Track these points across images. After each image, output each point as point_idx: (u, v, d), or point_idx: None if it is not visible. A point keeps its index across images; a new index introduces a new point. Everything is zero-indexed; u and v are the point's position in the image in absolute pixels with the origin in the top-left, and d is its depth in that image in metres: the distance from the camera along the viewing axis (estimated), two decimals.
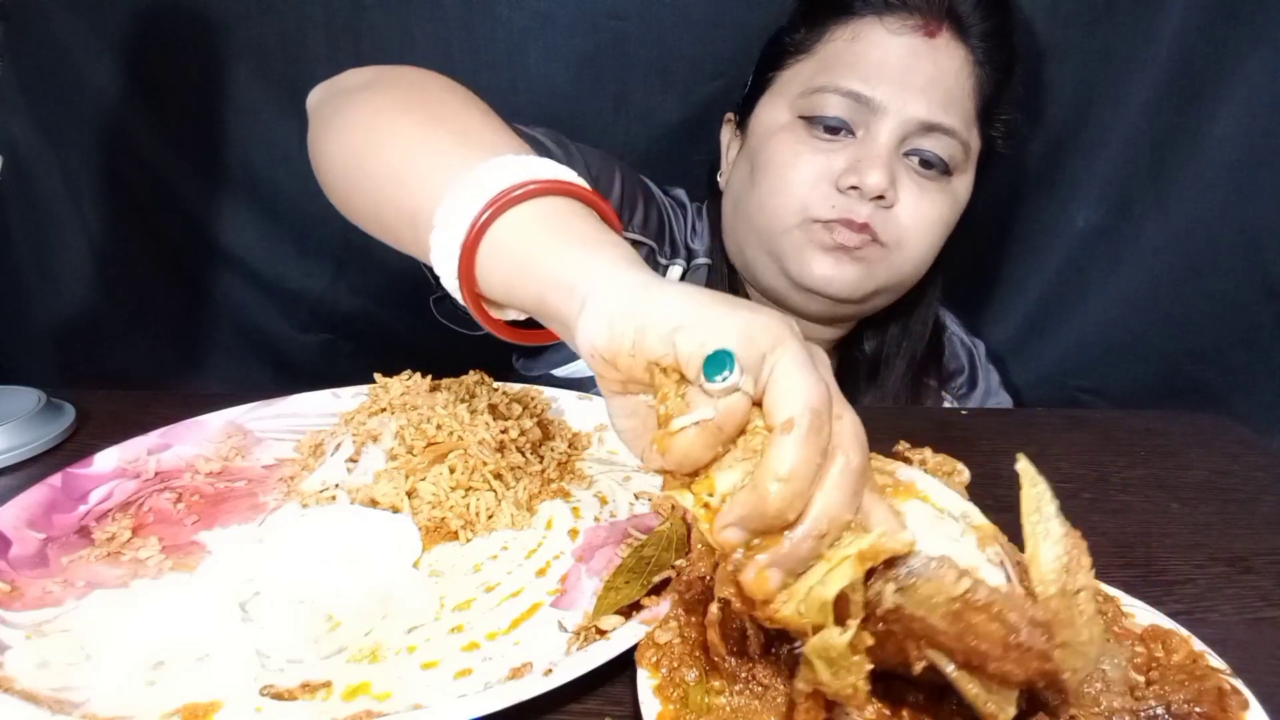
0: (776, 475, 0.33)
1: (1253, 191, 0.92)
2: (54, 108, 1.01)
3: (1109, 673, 0.38)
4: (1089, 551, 0.38)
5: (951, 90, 0.81)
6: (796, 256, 0.83)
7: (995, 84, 0.84)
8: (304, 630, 0.46)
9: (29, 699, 0.41)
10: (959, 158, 0.82)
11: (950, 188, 0.84)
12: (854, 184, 0.79)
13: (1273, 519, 0.61)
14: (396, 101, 0.60)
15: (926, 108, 0.79)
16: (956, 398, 0.99)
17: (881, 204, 0.80)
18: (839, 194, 0.80)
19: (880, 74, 0.80)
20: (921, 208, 0.82)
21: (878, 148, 0.79)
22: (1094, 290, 1.02)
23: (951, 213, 0.84)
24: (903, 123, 0.80)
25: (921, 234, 0.82)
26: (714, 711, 0.39)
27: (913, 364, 0.95)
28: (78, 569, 0.52)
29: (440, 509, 0.57)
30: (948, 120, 0.80)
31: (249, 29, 0.99)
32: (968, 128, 0.82)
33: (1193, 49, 0.91)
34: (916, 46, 0.80)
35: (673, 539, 0.53)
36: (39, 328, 1.09)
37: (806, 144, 0.82)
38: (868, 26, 0.81)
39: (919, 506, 0.39)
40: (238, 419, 0.70)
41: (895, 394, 0.94)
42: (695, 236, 0.96)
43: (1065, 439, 0.74)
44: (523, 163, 0.46)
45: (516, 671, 0.43)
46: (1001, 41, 0.84)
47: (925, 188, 0.82)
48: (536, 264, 0.43)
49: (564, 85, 1.00)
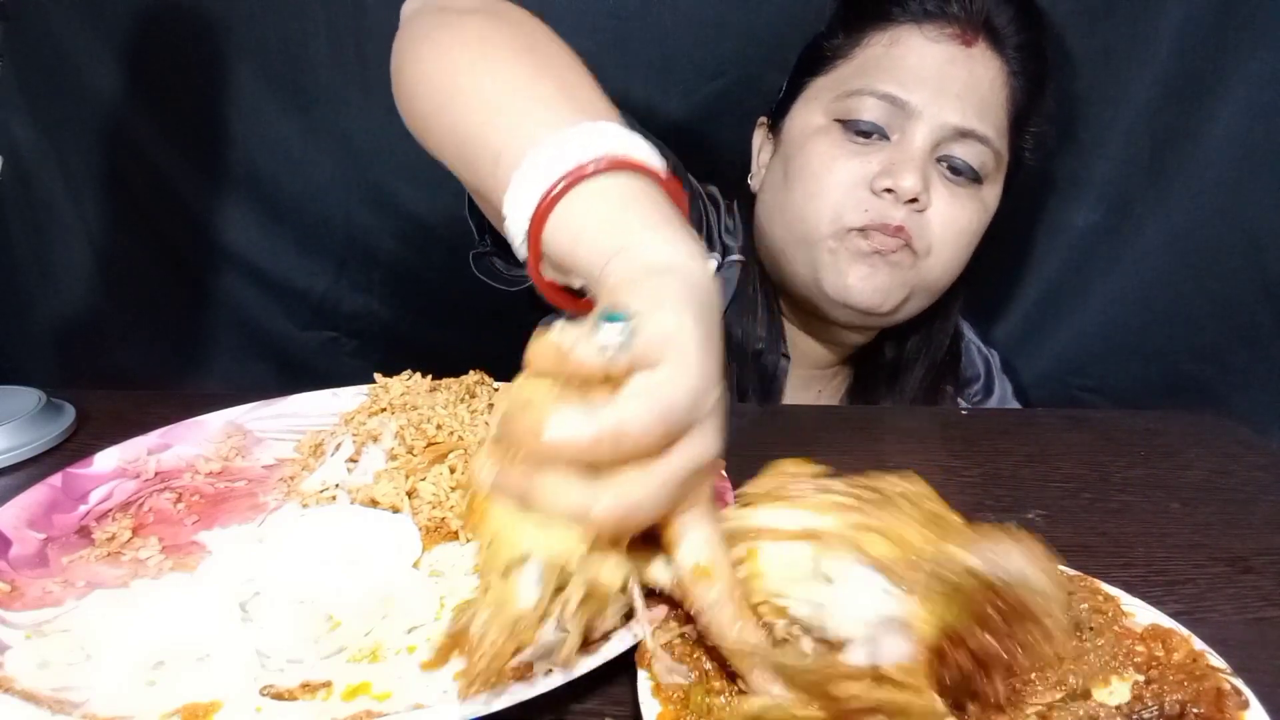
0: (621, 419, 0.34)
1: (1253, 191, 0.92)
2: (54, 108, 1.01)
3: (1050, 624, 0.35)
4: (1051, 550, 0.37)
5: (986, 99, 0.82)
6: (833, 267, 0.84)
7: (1028, 95, 0.85)
8: (304, 630, 0.46)
9: (29, 699, 0.40)
10: (990, 166, 0.83)
11: (980, 196, 0.84)
12: (888, 186, 0.80)
13: (1273, 519, 0.61)
14: (507, 37, 0.58)
15: (961, 114, 0.80)
16: (972, 404, 1.00)
17: (915, 207, 0.81)
18: (873, 197, 0.81)
19: (917, 79, 0.81)
20: (953, 214, 0.82)
21: (912, 151, 0.80)
22: (1093, 289, 1.02)
23: (980, 221, 0.85)
24: (937, 127, 0.80)
25: (952, 240, 0.83)
26: (714, 712, 0.39)
27: (931, 370, 0.95)
28: (78, 569, 0.52)
29: (440, 509, 0.57)
30: (981, 128, 0.81)
31: (250, 29, 0.99)
32: (1000, 137, 0.83)
33: (1193, 49, 0.91)
34: (953, 54, 0.81)
35: None
36: (39, 328, 1.09)
37: (841, 148, 0.83)
38: (906, 33, 0.82)
39: (772, 547, 0.39)
40: (238, 419, 0.70)
41: (914, 399, 0.95)
42: (729, 233, 0.95)
43: (1065, 439, 0.74)
44: (620, 135, 0.46)
45: (517, 671, 0.43)
46: (1035, 53, 0.85)
47: (956, 194, 0.82)
48: (600, 237, 0.44)
49: None
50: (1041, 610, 0.34)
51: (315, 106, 1.03)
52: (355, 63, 1.01)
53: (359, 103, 1.02)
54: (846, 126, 0.83)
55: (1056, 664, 0.38)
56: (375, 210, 1.09)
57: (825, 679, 0.34)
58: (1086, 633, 0.41)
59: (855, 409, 0.92)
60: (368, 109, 1.02)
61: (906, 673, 0.33)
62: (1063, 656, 0.36)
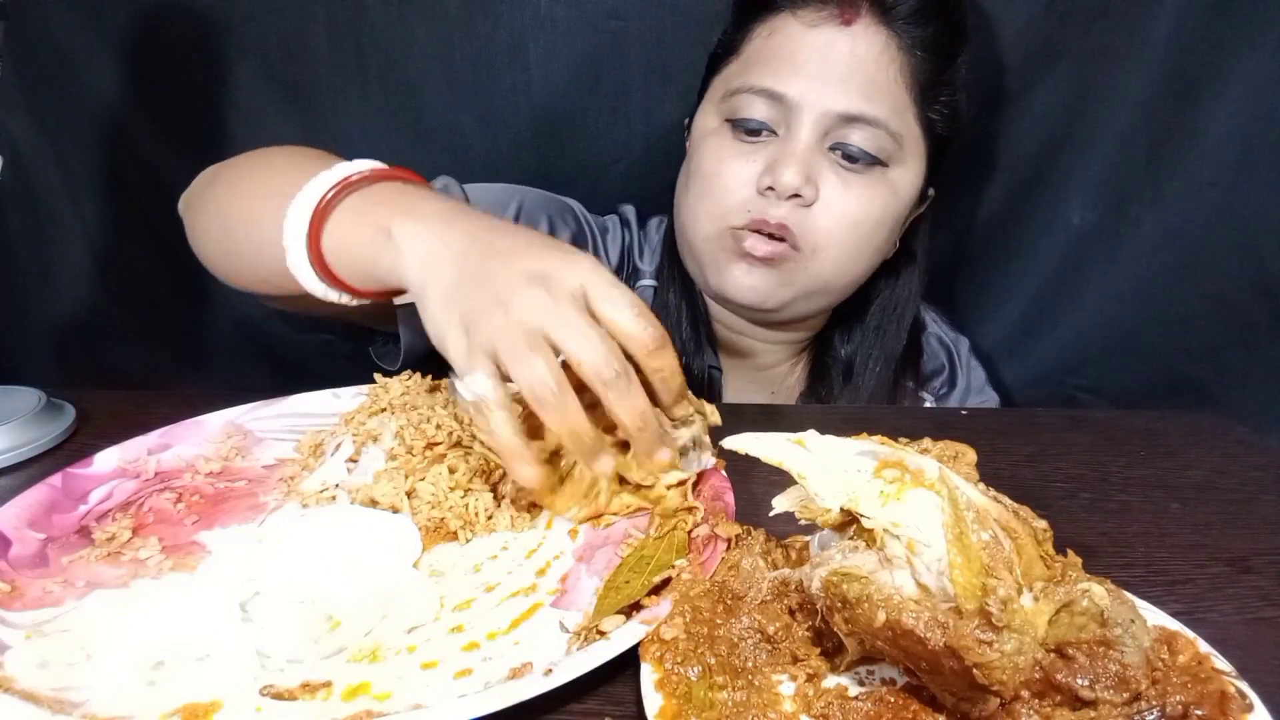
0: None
1: (1249, 190, 0.92)
2: (54, 108, 1.01)
3: (1126, 655, 0.38)
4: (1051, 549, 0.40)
5: (874, 78, 0.78)
6: (713, 266, 0.84)
7: (932, 66, 0.80)
8: (304, 630, 0.46)
9: (29, 699, 0.40)
10: (889, 148, 0.79)
11: (887, 179, 0.81)
12: (770, 184, 0.78)
13: (1273, 519, 0.61)
14: (234, 172, 0.74)
15: (845, 99, 0.77)
16: (936, 398, 0.99)
17: (799, 203, 0.79)
18: (758, 196, 0.79)
19: (794, 69, 0.78)
20: (845, 205, 0.79)
21: (795, 145, 0.78)
22: (1090, 289, 1.02)
23: (885, 207, 0.82)
24: (820, 117, 0.78)
25: (844, 234, 0.80)
26: (716, 707, 0.39)
27: (889, 364, 0.93)
28: (78, 569, 0.52)
29: (440, 509, 0.57)
30: (870, 110, 0.78)
31: (250, 29, 0.99)
32: (898, 115, 0.79)
33: (1189, 49, 0.91)
34: (832, 37, 0.78)
35: (674, 539, 0.53)
36: (39, 328, 1.09)
37: (730, 148, 0.82)
38: (782, 22, 0.80)
39: (925, 496, 0.39)
40: (238, 419, 0.70)
41: (872, 395, 0.93)
42: (644, 255, 0.96)
43: (1065, 439, 0.74)
44: (335, 170, 0.60)
45: (516, 671, 0.43)
46: (932, 21, 0.79)
47: (851, 182, 0.79)
48: (361, 238, 0.57)
49: (564, 85, 1.00)
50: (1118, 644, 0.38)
51: (314, 107, 1.03)
52: (354, 63, 1.01)
53: (357, 103, 1.02)
54: (735, 126, 0.81)
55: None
56: None
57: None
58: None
59: (855, 409, 0.92)
60: (366, 110, 1.02)
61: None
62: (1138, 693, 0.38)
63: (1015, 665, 0.36)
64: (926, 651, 0.37)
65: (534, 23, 0.98)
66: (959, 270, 1.09)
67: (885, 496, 0.40)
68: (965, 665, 0.36)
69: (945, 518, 0.38)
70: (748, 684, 0.41)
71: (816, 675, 0.42)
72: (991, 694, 0.36)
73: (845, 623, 0.40)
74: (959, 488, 0.40)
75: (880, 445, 0.44)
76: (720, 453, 0.62)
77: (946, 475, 0.40)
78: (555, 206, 0.94)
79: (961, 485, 0.40)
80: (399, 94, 1.01)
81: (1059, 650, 0.37)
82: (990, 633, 0.36)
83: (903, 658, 0.39)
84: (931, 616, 0.37)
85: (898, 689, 0.41)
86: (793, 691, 0.42)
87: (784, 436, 0.44)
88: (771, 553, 0.50)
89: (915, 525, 0.38)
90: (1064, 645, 0.37)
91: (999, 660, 0.36)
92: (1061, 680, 0.36)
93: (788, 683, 0.42)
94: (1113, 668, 0.37)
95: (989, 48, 0.94)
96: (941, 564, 0.38)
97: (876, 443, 0.44)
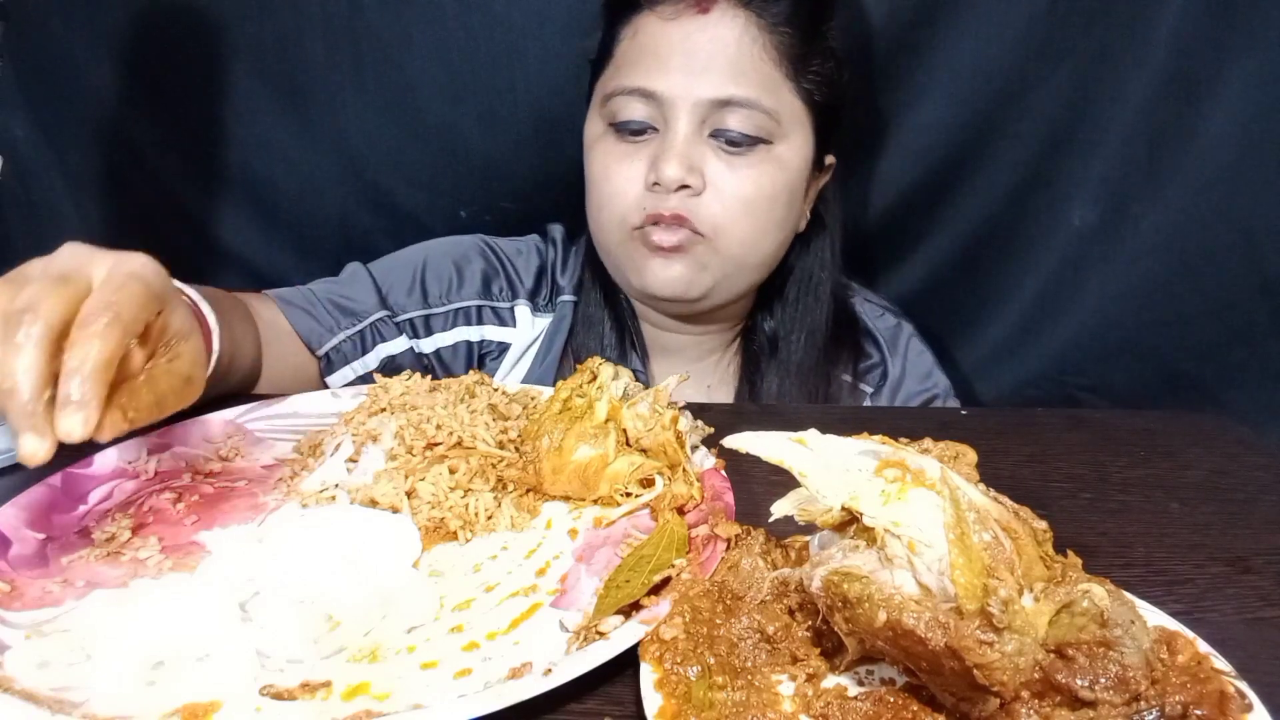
0: None
1: (1249, 190, 0.92)
2: (54, 108, 1.01)
3: (1126, 655, 0.38)
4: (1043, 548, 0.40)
5: (738, 61, 0.79)
6: (631, 267, 0.85)
7: (797, 39, 0.81)
8: (304, 630, 0.46)
9: (29, 699, 0.41)
10: (768, 126, 0.81)
11: (773, 156, 0.82)
12: (655, 180, 0.80)
13: (1273, 519, 0.61)
14: None
15: (713, 86, 0.79)
16: (876, 389, 0.99)
17: (689, 193, 0.80)
18: (649, 193, 0.81)
19: (661, 65, 0.80)
20: (733, 186, 0.81)
21: (674, 139, 0.80)
22: (1090, 288, 1.02)
23: (775, 182, 0.83)
24: (693, 107, 0.79)
25: (739, 213, 0.82)
26: (715, 707, 0.39)
27: (814, 337, 0.94)
28: (77, 569, 0.52)
29: (440, 509, 0.57)
30: (740, 93, 0.79)
31: (248, 29, 0.99)
32: (770, 93, 0.80)
33: (1189, 49, 0.91)
34: (691, 28, 0.79)
35: (673, 539, 0.53)
36: None
37: (615, 151, 0.84)
38: (644, 20, 0.82)
39: (927, 495, 0.40)
40: (238, 419, 0.70)
41: (800, 371, 0.94)
42: (566, 271, 0.98)
43: (1065, 439, 0.74)
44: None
45: (516, 671, 0.43)
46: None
47: (735, 165, 0.81)
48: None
49: (563, 85, 1.00)
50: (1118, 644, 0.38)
51: (311, 106, 1.03)
52: (351, 62, 1.01)
53: (355, 102, 1.02)
54: (619, 129, 0.83)
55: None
56: (371, 210, 1.09)
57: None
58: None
59: (854, 409, 0.92)
60: (364, 109, 1.03)
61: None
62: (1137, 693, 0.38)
63: (1016, 666, 0.36)
64: (927, 652, 0.37)
65: (533, 22, 0.98)
66: (959, 270, 1.09)
67: (886, 496, 0.40)
68: (966, 666, 0.36)
69: (947, 518, 0.38)
70: (747, 684, 0.41)
71: (816, 675, 0.42)
72: (992, 694, 0.36)
73: (845, 622, 0.40)
74: (960, 488, 0.40)
75: (881, 445, 0.44)
76: (720, 452, 0.62)
77: (948, 475, 0.40)
78: (458, 250, 0.97)
79: (962, 485, 0.40)
80: (397, 93, 1.02)
81: (1059, 651, 0.37)
82: (991, 633, 0.36)
83: (903, 658, 0.39)
84: (932, 617, 0.37)
85: (897, 689, 0.41)
86: (792, 691, 0.42)
87: (785, 435, 0.44)
88: (771, 553, 0.50)
89: (916, 525, 0.39)
90: (1064, 646, 0.37)
91: (1000, 661, 0.36)
92: (1061, 681, 0.36)
93: (787, 683, 0.42)
94: (1113, 668, 0.37)
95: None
96: (943, 564, 0.38)
97: (878, 442, 0.44)
